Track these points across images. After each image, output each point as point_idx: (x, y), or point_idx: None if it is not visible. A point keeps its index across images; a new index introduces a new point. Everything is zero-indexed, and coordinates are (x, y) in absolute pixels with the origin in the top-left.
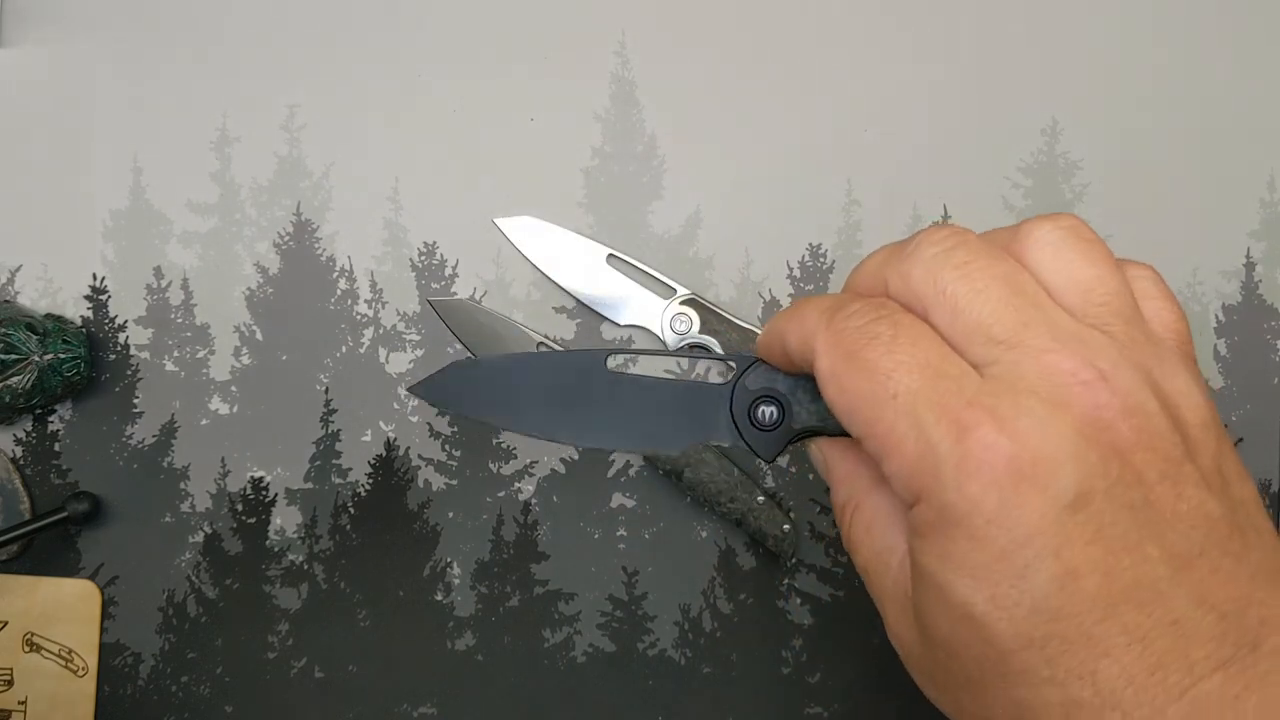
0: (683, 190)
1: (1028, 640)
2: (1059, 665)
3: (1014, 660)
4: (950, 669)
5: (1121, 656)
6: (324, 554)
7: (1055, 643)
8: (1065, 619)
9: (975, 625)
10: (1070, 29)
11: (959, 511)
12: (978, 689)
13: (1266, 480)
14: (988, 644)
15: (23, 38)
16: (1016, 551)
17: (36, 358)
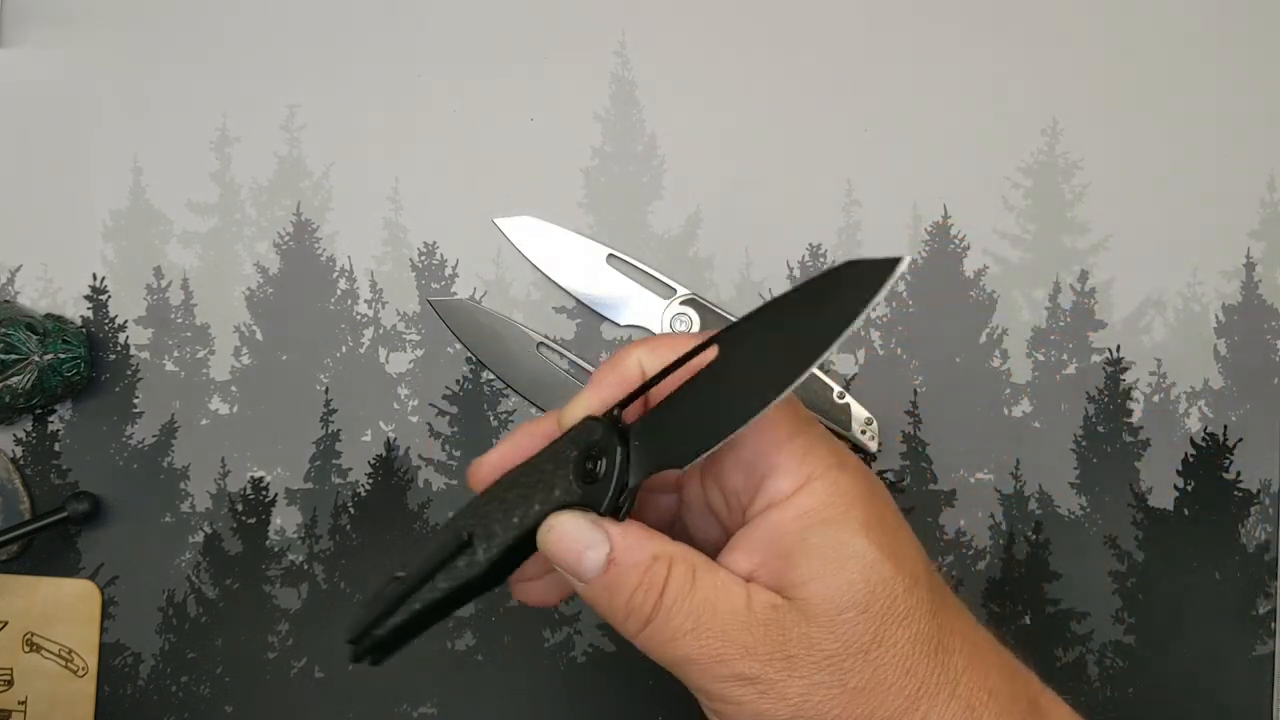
0: (683, 190)
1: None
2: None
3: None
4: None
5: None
6: (324, 554)
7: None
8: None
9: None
10: (1070, 29)
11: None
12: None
13: (1267, 480)
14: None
15: (23, 38)
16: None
17: (36, 358)
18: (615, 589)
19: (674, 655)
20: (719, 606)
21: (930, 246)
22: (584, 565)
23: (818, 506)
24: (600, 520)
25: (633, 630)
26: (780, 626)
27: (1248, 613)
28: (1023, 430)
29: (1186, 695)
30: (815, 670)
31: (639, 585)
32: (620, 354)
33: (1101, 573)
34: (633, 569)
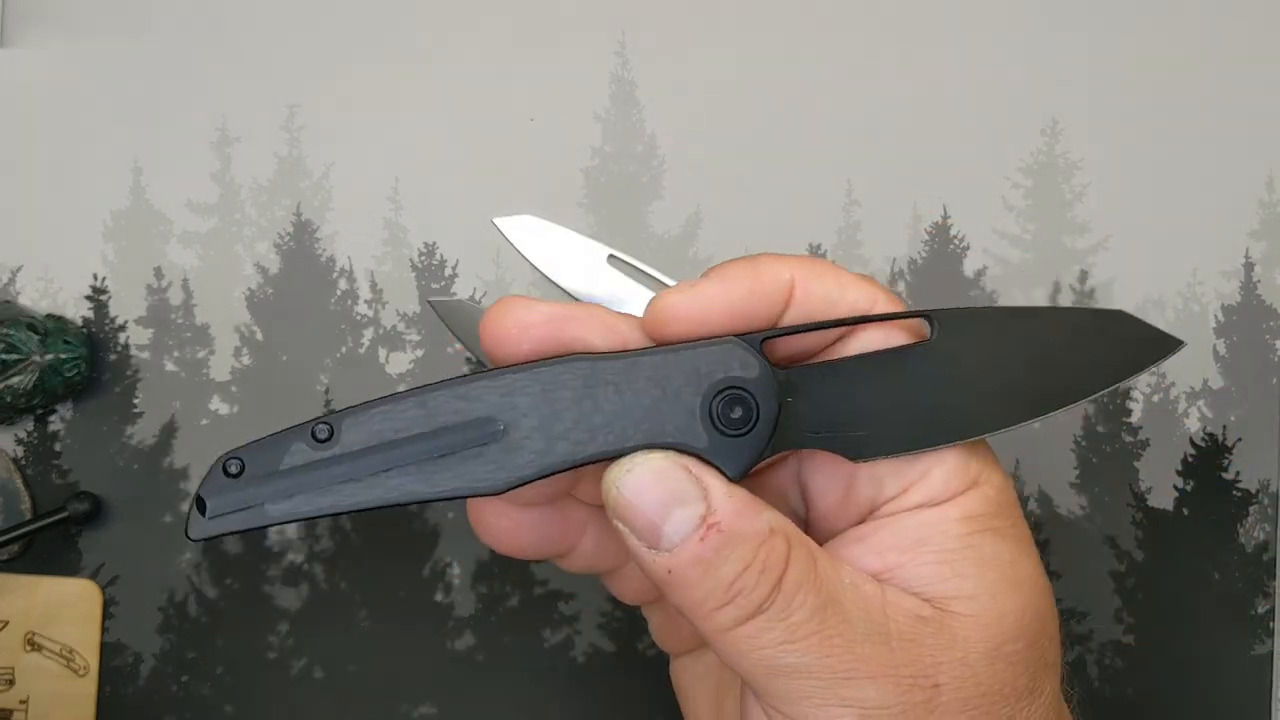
0: (683, 190)
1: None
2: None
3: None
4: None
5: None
6: (324, 554)
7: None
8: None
9: None
10: (1070, 29)
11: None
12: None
13: (1265, 480)
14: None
15: (23, 38)
16: None
17: (37, 358)
18: (714, 563)
19: (779, 664)
20: (848, 606)
21: (930, 246)
22: (669, 527)
23: (990, 514)
24: (698, 467)
25: (728, 622)
26: (926, 646)
27: (1247, 612)
28: (1023, 430)
29: (1186, 695)
30: (960, 710)
31: (751, 563)
32: (761, 261)
33: (1101, 573)
34: (744, 541)
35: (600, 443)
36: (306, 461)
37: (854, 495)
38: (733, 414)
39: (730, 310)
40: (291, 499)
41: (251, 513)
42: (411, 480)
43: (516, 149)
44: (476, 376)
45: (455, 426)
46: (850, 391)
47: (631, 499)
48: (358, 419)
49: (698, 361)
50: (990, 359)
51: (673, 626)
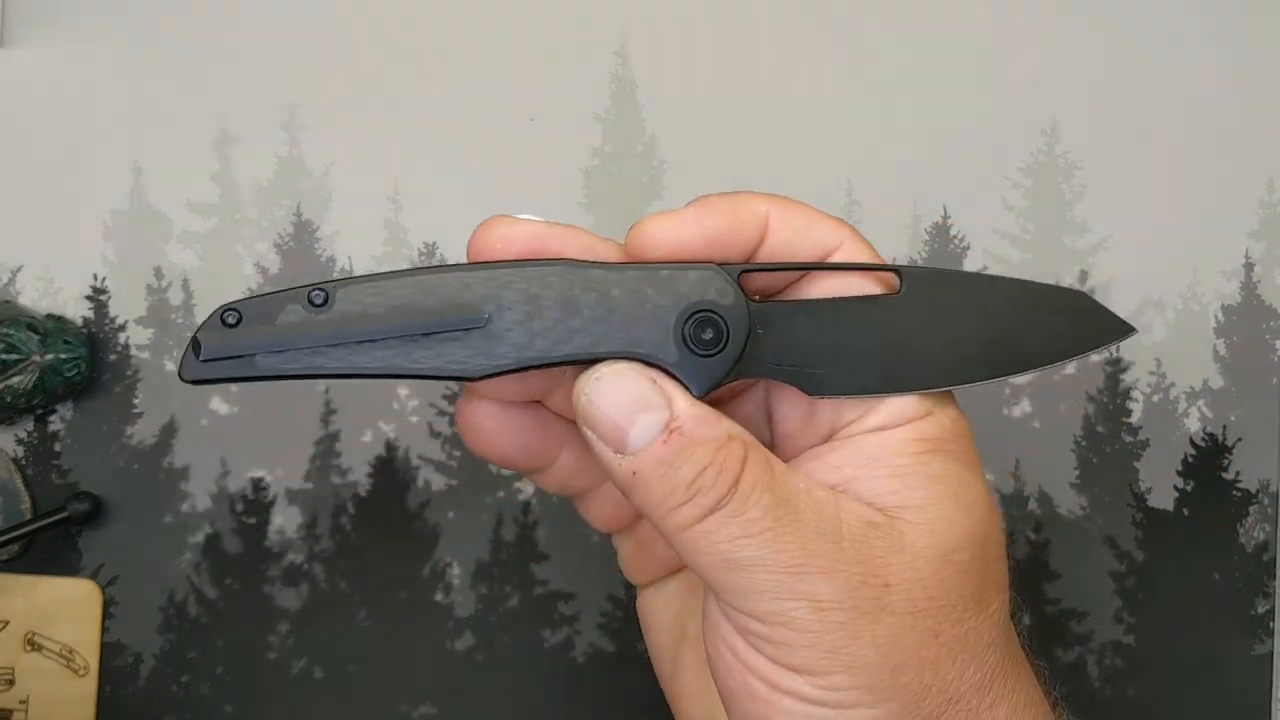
0: (683, 190)
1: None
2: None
3: None
4: None
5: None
6: (324, 554)
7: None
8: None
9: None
10: (1070, 29)
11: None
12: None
13: (1265, 480)
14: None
15: (23, 38)
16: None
17: (37, 358)
18: (675, 464)
19: (735, 557)
20: (801, 507)
21: (930, 246)
22: (634, 431)
23: (943, 438)
24: (662, 379)
25: (687, 519)
26: (876, 548)
27: (1247, 612)
28: (1023, 430)
29: (1186, 695)
30: (910, 611)
31: (709, 464)
32: (740, 196)
33: (1101, 573)
34: (703, 444)
35: (576, 345)
36: (301, 321)
37: (814, 420)
38: (704, 335)
39: (708, 238)
40: (281, 354)
41: (242, 362)
42: (395, 354)
43: (516, 149)
44: (469, 265)
45: (443, 309)
46: (816, 331)
47: (599, 405)
48: (351, 288)
49: (677, 282)
50: (952, 319)
51: (642, 555)
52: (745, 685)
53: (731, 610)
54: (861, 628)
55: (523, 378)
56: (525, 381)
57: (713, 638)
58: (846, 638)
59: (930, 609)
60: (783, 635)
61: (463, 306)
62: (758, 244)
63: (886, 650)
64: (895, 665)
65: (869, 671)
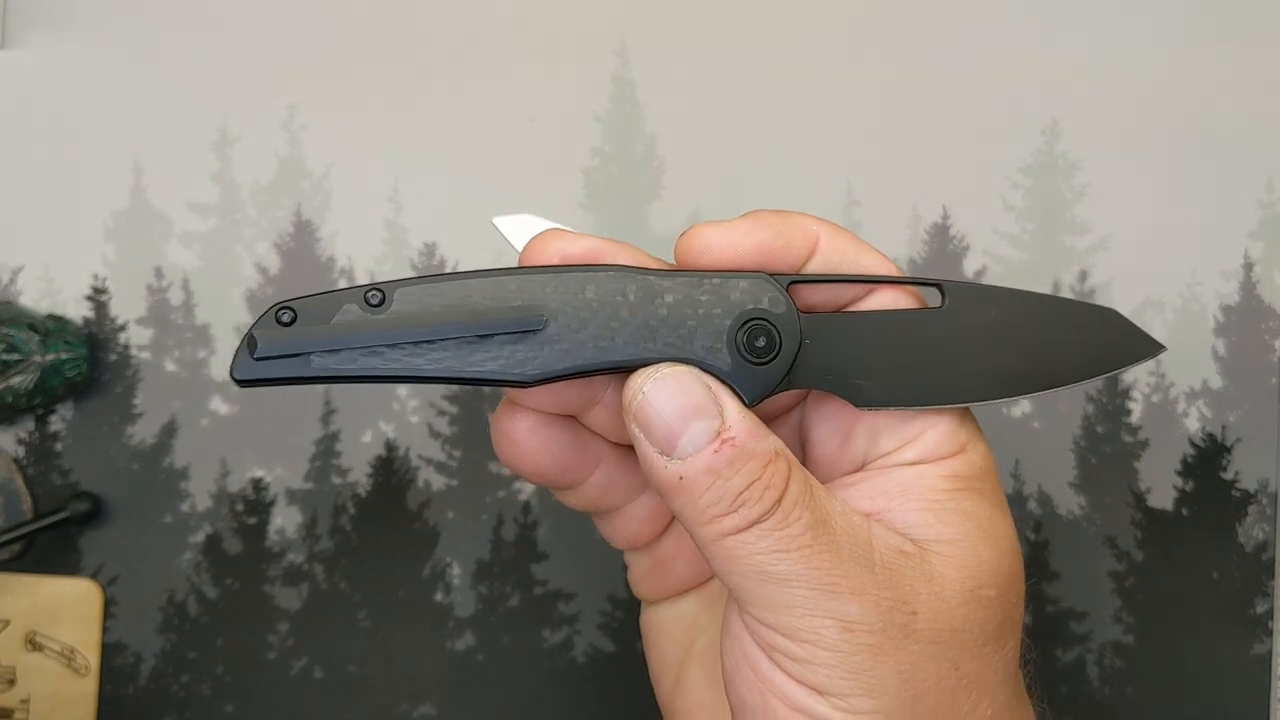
0: (683, 190)
1: None
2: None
3: None
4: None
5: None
6: (324, 554)
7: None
8: None
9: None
10: (1070, 29)
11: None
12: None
13: (1265, 480)
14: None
15: (24, 38)
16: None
17: (38, 358)
18: (724, 474)
19: (770, 570)
20: (837, 529)
21: (930, 246)
22: (686, 437)
23: (974, 476)
24: (717, 387)
25: (729, 528)
26: (906, 577)
27: (1246, 612)
28: (1022, 430)
29: (1185, 695)
30: (933, 641)
31: (758, 478)
32: (793, 214)
33: (1101, 573)
34: (754, 457)
35: (630, 350)
36: (357, 320)
37: (850, 447)
38: (757, 343)
39: (759, 249)
40: (337, 354)
41: (298, 361)
42: (451, 356)
43: (516, 149)
44: (526, 269)
45: (500, 311)
46: (861, 344)
47: (654, 404)
48: (409, 289)
49: (730, 290)
50: (990, 335)
51: (659, 572)
52: (764, 703)
53: (757, 625)
54: (887, 652)
55: (564, 389)
56: (566, 393)
57: (733, 653)
58: (871, 661)
59: (953, 641)
60: (809, 653)
61: (521, 309)
62: (805, 262)
63: (908, 677)
64: (915, 693)
65: (889, 696)
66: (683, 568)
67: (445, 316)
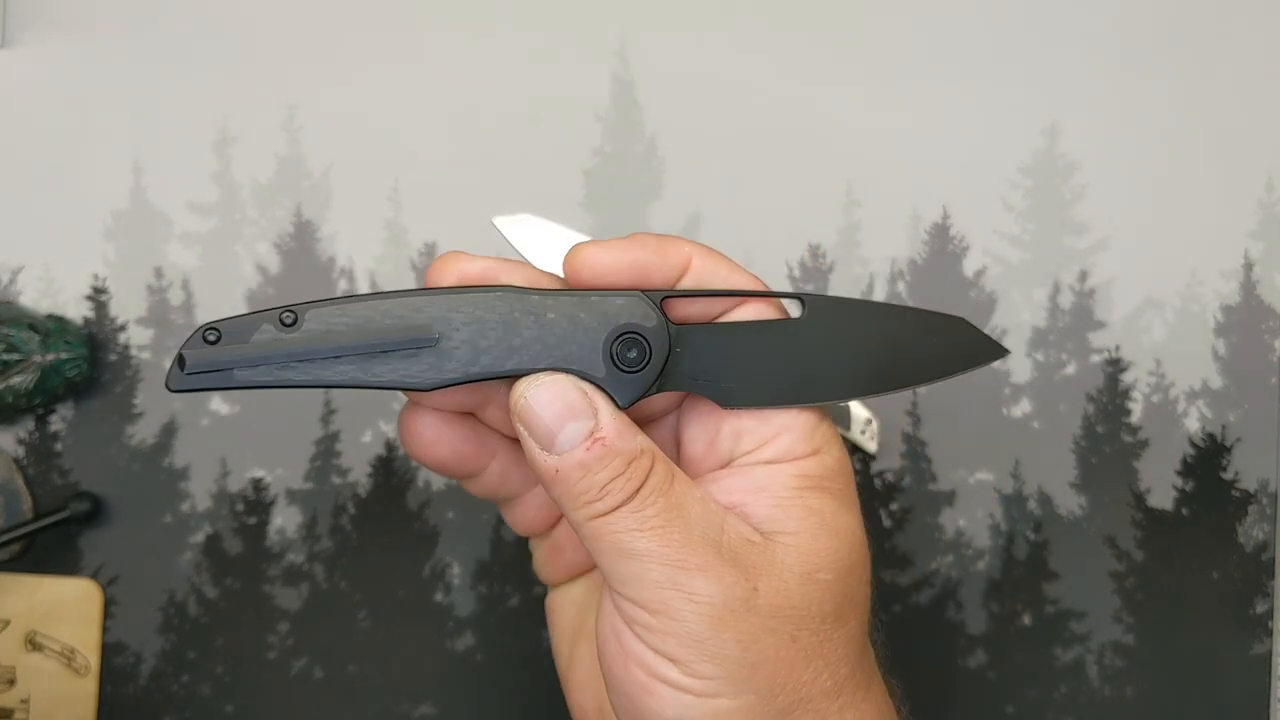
0: (683, 190)
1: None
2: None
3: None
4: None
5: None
6: (324, 554)
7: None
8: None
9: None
10: (1070, 29)
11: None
12: None
13: (1265, 480)
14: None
15: (24, 38)
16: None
17: (38, 358)
18: (593, 468)
19: (627, 546)
20: (692, 513)
21: (930, 246)
22: (562, 435)
23: (822, 475)
24: (592, 393)
25: (593, 513)
26: (750, 560)
27: (1246, 612)
28: (1022, 430)
29: (1185, 695)
30: (772, 615)
31: (622, 472)
32: (668, 237)
33: (1101, 573)
34: (620, 455)
35: (516, 361)
36: (272, 339)
37: (717, 447)
38: (629, 354)
39: (635, 267)
40: (256, 368)
41: (222, 375)
42: (355, 368)
43: (516, 149)
44: (422, 291)
45: (398, 329)
46: (727, 350)
47: (535, 407)
48: (319, 310)
49: (606, 307)
50: (846, 341)
51: (555, 557)
52: (626, 671)
53: (621, 600)
54: (727, 623)
55: (458, 392)
56: (460, 395)
57: (603, 626)
58: (713, 630)
59: (791, 616)
60: (661, 623)
61: (416, 327)
62: (679, 278)
63: (747, 646)
64: (754, 661)
65: (729, 663)
66: (572, 553)
67: (350, 334)
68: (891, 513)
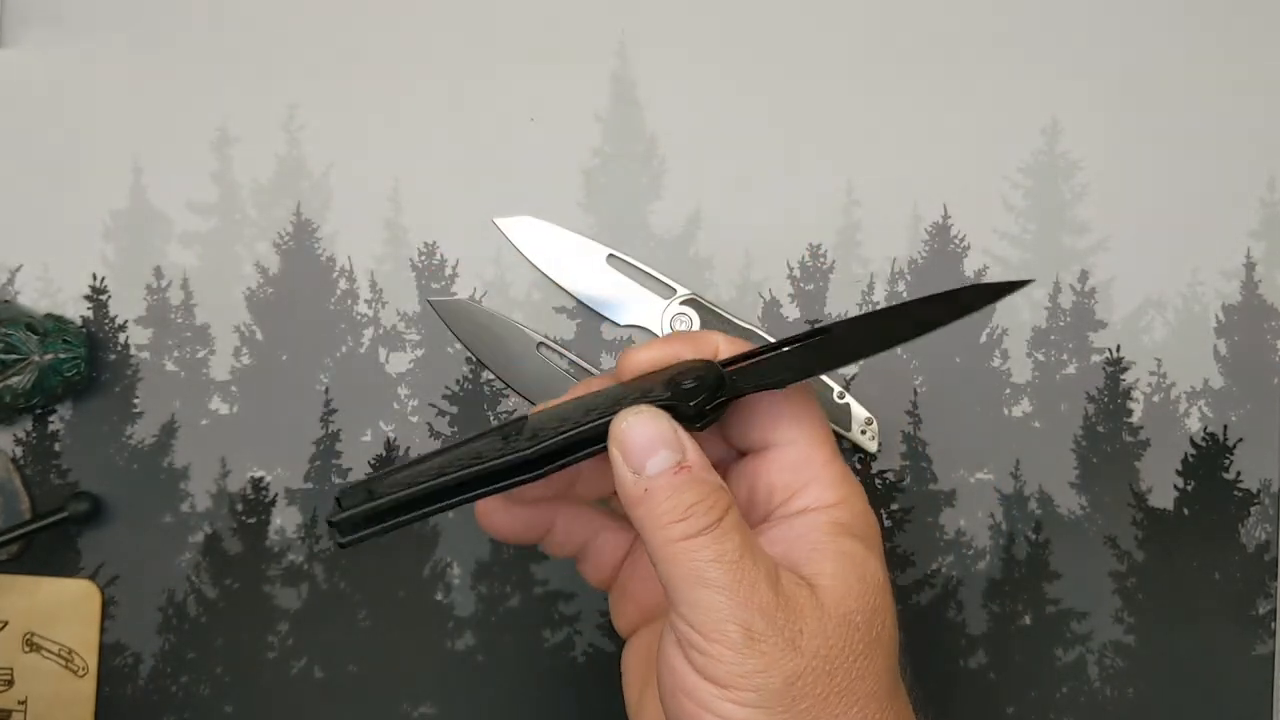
0: (683, 190)
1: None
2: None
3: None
4: None
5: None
6: (324, 554)
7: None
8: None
9: None
10: (1070, 29)
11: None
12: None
13: (1267, 480)
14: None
15: (23, 38)
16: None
17: (36, 357)
18: (680, 489)
19: (704, 574)
20: (759, 556)
21: (930, 246)
22: (653, 460)
23: (850, 523)
24: (681, 431)
25: (679, 534)
26: (799, 603)
27: (1247, 612)
28: (1023, 430)
29: (1186, 695)
30: (814, 655)
31: (705, 498)
32: (698, 332)
33: (1101, 573)
34: (704, 483)
35: (595, 417)
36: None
37: (755, 503)
38: (686, 384)
39: (676, 358)
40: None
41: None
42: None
43: (516, 149)
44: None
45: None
46: (769, 369)
47: (631, 433)
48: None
49: (670, 372)
50: (877, 332)
51: (624, 604)
52: (677, 702)
53: (680, 621)
54: (775, 660)
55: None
56: (558, 478)
57: (661, 660)
58: (763, 665)
59: (829, 655)
60: (716, 651)
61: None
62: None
63: (791, 682)
64: (795, 695)
65: (773, 696)
66: (641, 598)
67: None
68: (892, 513)
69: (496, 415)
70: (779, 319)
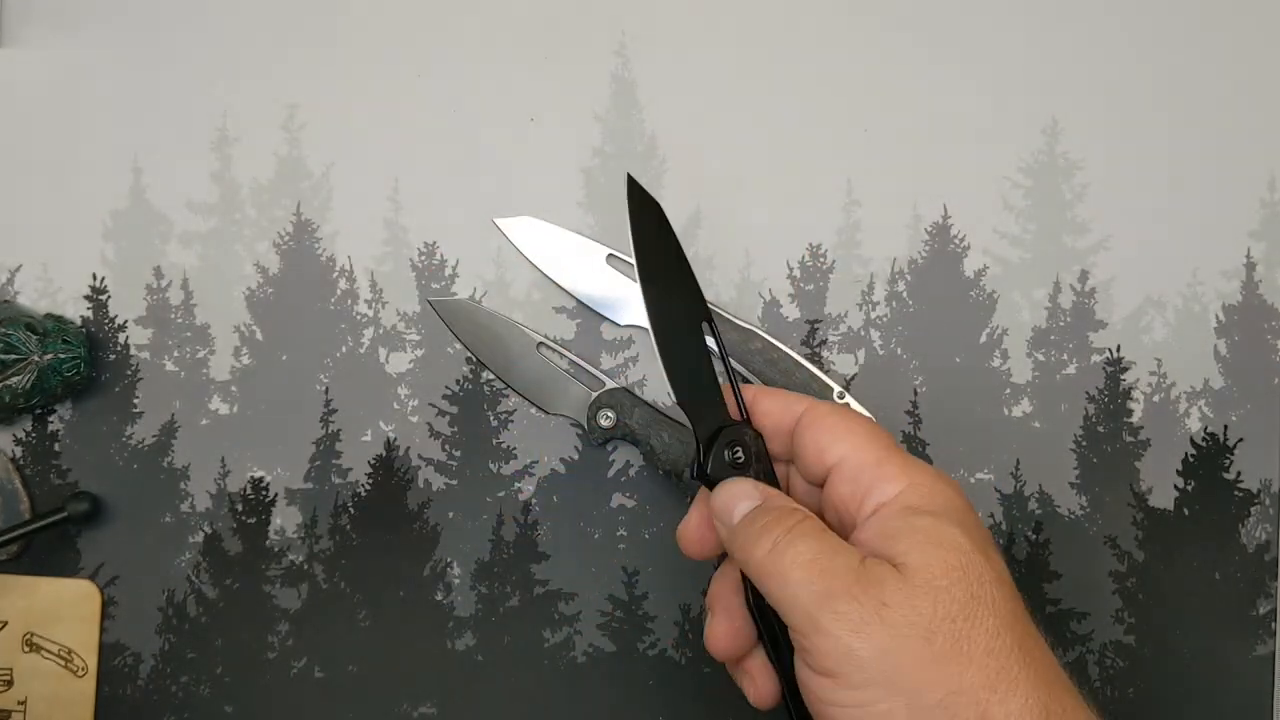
0: (683, 190)
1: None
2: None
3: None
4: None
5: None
6: (324, 554)
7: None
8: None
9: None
10: (1070, 28)
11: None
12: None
13: (1267, 480)
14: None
15: (23, 38)
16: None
17: (36, 358)
18: (755, 518)
19: (788, 575)
20: (836, 553)
21: (930, 246)
22: (737, 509)
23: (921, 502)
24: (763, 486)
25: (761, 551)
26: (882, 581)
27: (1248, 613)
28: (1023, 430)
29: (1186, 695)
30: (905, 624)
31: (774, 517)
32: (794, 396)
33: (1101, 573)
34: (776, 510)
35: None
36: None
37: (842, 518)
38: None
39: (789, 411)
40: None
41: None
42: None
43: (516, 149)
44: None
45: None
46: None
47: (721, 496)
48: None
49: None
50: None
51: (749, 687)
52: (817, 712)
53: (792, 634)
54: (866, 635)
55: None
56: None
57: (797, 676)
58: (858, 641)
59: (919, 622)
60: (814, 643)
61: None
62: (799, 416)
63: (886, 652)
64: (895, 665)
65: (872, 670)
66: (763, 682)
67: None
68: None
69: (496, 415)
70: (779, 319)
